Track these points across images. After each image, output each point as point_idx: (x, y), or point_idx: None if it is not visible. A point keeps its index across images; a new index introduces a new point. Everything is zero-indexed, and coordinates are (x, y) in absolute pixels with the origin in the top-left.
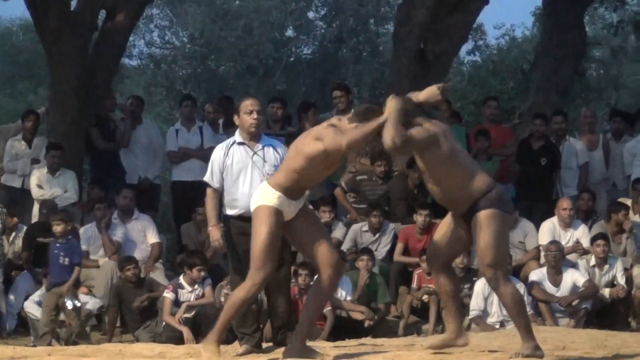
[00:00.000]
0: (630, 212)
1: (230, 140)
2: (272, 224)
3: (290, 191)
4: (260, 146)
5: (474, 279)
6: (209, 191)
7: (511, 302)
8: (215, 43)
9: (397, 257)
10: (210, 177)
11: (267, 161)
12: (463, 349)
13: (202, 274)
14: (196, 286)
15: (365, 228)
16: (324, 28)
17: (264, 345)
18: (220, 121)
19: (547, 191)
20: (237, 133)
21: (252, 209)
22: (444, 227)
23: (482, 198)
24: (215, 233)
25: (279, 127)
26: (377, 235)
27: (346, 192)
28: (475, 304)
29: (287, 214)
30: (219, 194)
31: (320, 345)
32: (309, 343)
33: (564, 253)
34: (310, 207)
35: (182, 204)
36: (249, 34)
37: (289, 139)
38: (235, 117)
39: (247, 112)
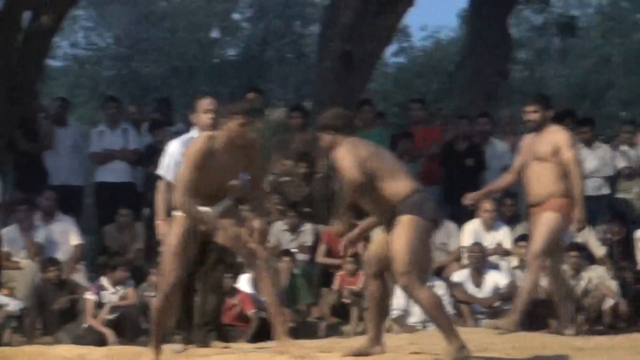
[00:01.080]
0: None
1: (187, 136)
2: (181, 233)
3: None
4: None
5: None
6: (161, 184)
7: (428, 306)
8: (140, 44)
9: (320, 258)
10: (165, 170)
11: None
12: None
13: (126, 274)
14: (118, 287)
15: (285, 227)
16: (249, 29)
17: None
18: (146, 123)
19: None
20: (194, 130)
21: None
22: (379, 235)
23: (401, 203)
24: (163, 228)
25: None
26: (295, 235)
27: (269, 193)
28: (397, 303)
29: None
30: (171, 188)
31: (241, 347)
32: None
33: (486, 254)
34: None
35: (105, 205)
36: (174, 35)
37: None
38: (193, 115)
39: (204, 111)
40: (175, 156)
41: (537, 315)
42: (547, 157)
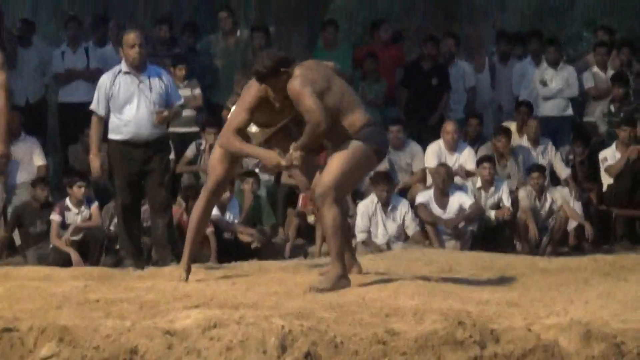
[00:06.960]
0: (515, 134)
1: (116, 69)
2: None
3: None
4: (146, 75)
5: (357, 201)
6: (94, 119)
7: (329, 225)
8: None
9: (285, 178)
10: (96, 104)
11: (152, 89)
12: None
13: (83, 190)
14: (82, 208)
15: None
16: None
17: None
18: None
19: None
20: (122, 62)
21: None
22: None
23: (356, 133)
24: (95, 162)
25: (166, 49)
26: None
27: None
28: (361, 225)
29: None
30: (104, 121)
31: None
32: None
33: (453, 175)
34: None
35: (69, 125)
36: None
37: (174, 61)
38: (120, 49)
39: (130, 46)
40: (104, 89)
41: (502, 236)
42: None
